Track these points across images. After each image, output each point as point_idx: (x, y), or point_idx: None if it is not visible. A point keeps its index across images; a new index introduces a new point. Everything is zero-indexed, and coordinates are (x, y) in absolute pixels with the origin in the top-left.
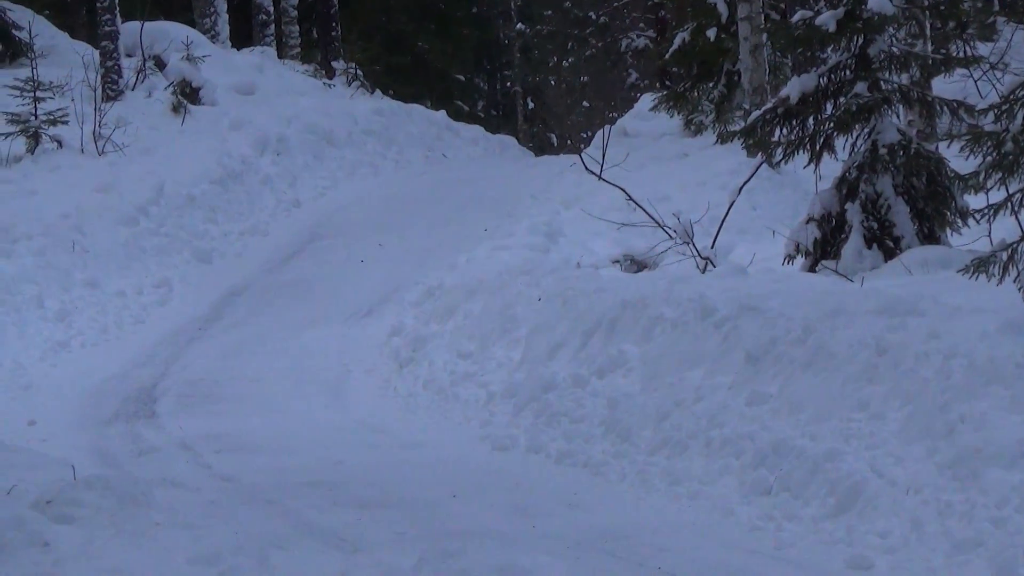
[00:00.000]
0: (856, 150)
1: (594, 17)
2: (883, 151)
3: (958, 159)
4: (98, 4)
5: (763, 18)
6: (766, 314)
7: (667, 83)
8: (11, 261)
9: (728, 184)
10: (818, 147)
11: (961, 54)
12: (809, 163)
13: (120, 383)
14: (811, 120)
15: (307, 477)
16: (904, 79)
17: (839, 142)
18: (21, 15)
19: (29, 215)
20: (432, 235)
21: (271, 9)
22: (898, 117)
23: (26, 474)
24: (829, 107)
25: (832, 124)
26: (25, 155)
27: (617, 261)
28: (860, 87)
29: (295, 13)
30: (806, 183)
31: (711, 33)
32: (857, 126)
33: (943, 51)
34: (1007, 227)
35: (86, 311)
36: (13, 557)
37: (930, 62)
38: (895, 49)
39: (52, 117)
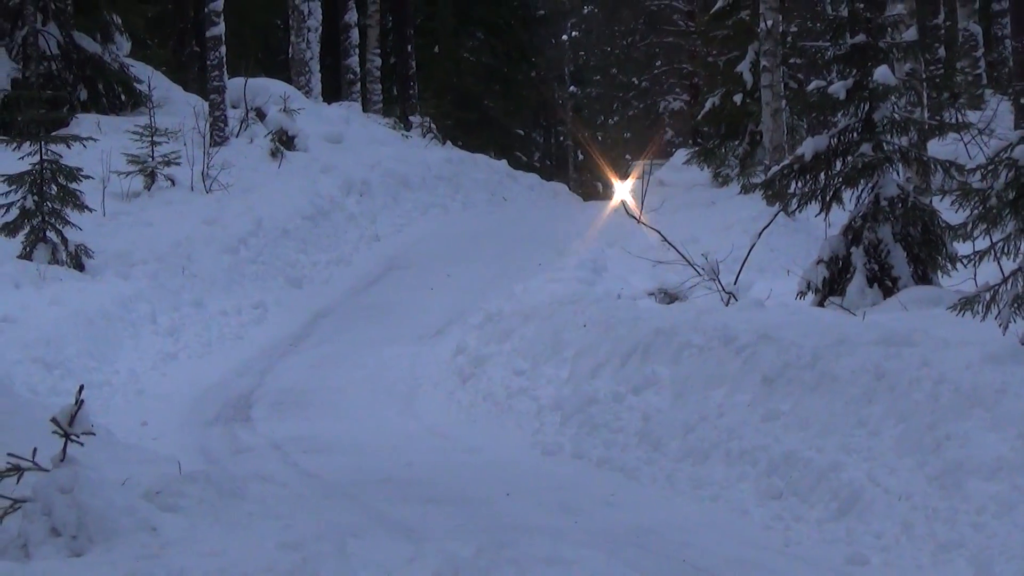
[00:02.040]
0: (861, 202)
1: (636, 82)
2: (884, 203)
3: (949, 211)
4: (208, 62)
5: (783, 86)
6: (780, 342)
7: (698, 140)
8: (129, 283)
9: (750, 229)
10: (828, 199)
11: (953, 120)
12: (820, 212)
13: (220, 390)
14: (822, 175)
15: (381, 475)
16: (904, 141)
17: (846, 195)
18: (141, 70)
19: (145, 243)
20: (493, 267)
21: (358, 69)
22: (898, 174)
23: (138, 468)
24: (838, 164)
25: (840, 179)
26: (142, 191)
27: (652, 293)
28: (866, 147)
29: (378, 73)
30: (817, 230)
31: (737, 98)
32: (862, 181)
33: (938, 117)
34: (990, 271)
35: (192, 327)
36: (126, 540)
37: (926, 127)
38: (896, 115)
39: (166, 159)
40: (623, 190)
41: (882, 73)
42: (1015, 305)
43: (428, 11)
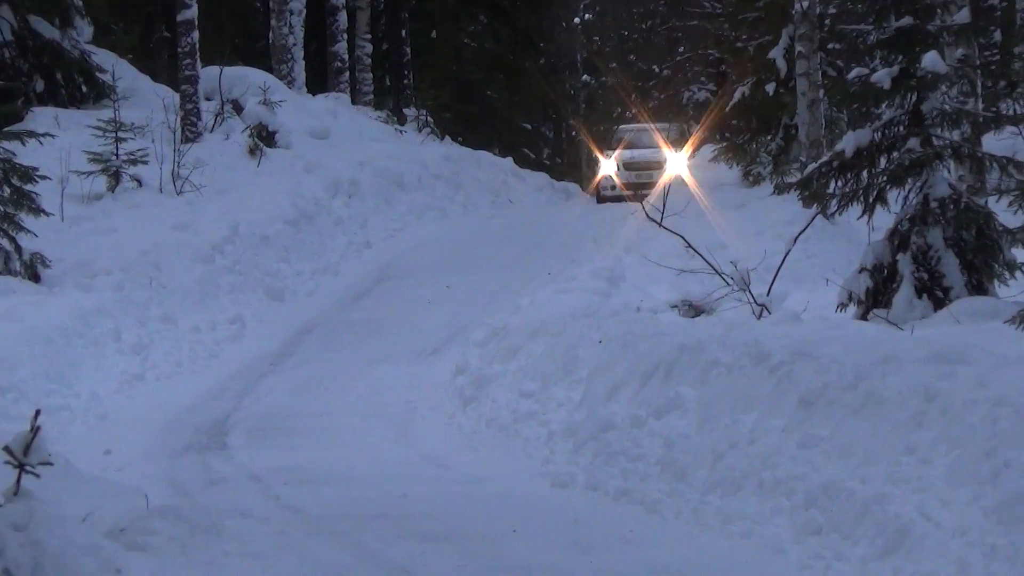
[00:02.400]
0: (908, 203)
1: (657, 70)
2: (934, 204)
3: (1006, 213)
4: (179, 49)
5: (820, 74)
6: (819, 360)
7: (726, 135)
8: (90, 295)
9: (784, 233)
10: (871, 199)
11: (1011, 112)
12: (863, 215)
13: (192, 415)
14: (865, 173)
15: (373, 509)
16: (955, 135)
17: (892, 195)
18: (105, 58)
19: (108, 251)
20: (497, 277)
21: (346, 57)
22: (949, 172)
23: (101, 502)
24: (883, 161)
25: (885, 178)
26: (106, 193)
27: (675, 306)
28: (913, 142)
29: (369, 61)
30: (859, 234)
31: (770, 88)
32: (909, 180)
33: (993, 109)
34: None
35: (161, 345)
36: None
37: (981, 119)
38: (947, 106)
39: (132, 157)
40: (608, 165)
41: (931, 59)
42: None
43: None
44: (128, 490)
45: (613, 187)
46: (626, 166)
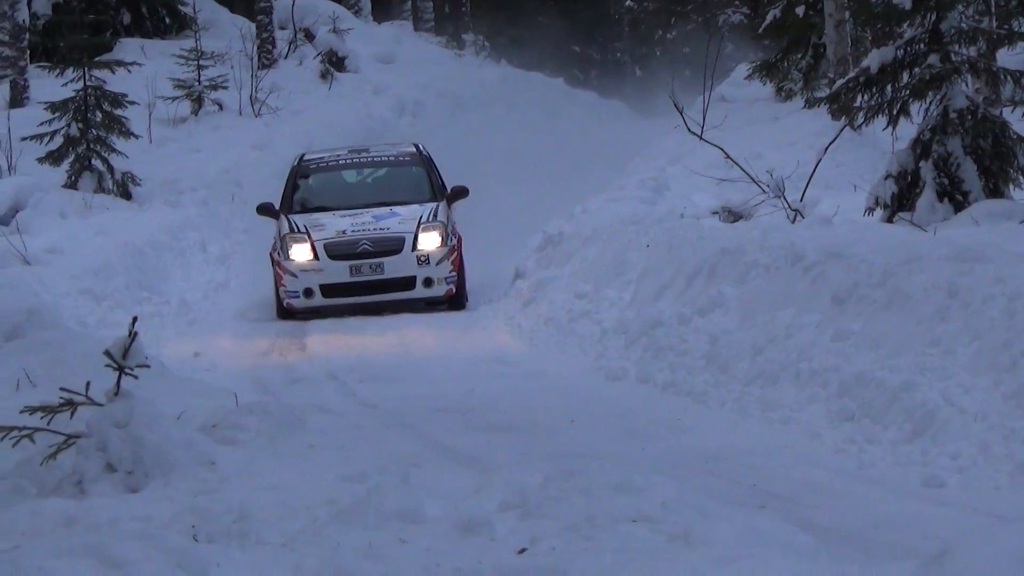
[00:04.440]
0: (929, 115)
1: None
2: (953, 116)
3: (1021, 123)
4: None
5: None
6: (850, 260)
7: (760, 54)
8: (177, 211)
9: (815, 144)
10: (895, 112)
11: (1023, 29)
12: (887, 126)
13: (274, 320)
14: (889, 88)
15: (442, 404)
16: (972, 51)
17: (914, 107)
18: None
19: (193, 170)
20: (551, 188)
21: None
22: (967, 85)
23: (194, 401)
24: (905, 76)
25: (908, 91)
26: (189, 116)
27: (716, 212)
28: (933, 59)
29: None
30: (884, 144)
31: (800, 10)
32: (930, 93)
33: (1007, 27)
34: None
35: (243, 255)
36: (183, 475)
37: (995, 36)
38: (964, 25)
39: (213, 83)
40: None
41: None
42: None
43: None
44: (217, 389)
45: (307, 292)
46: (330, 250)
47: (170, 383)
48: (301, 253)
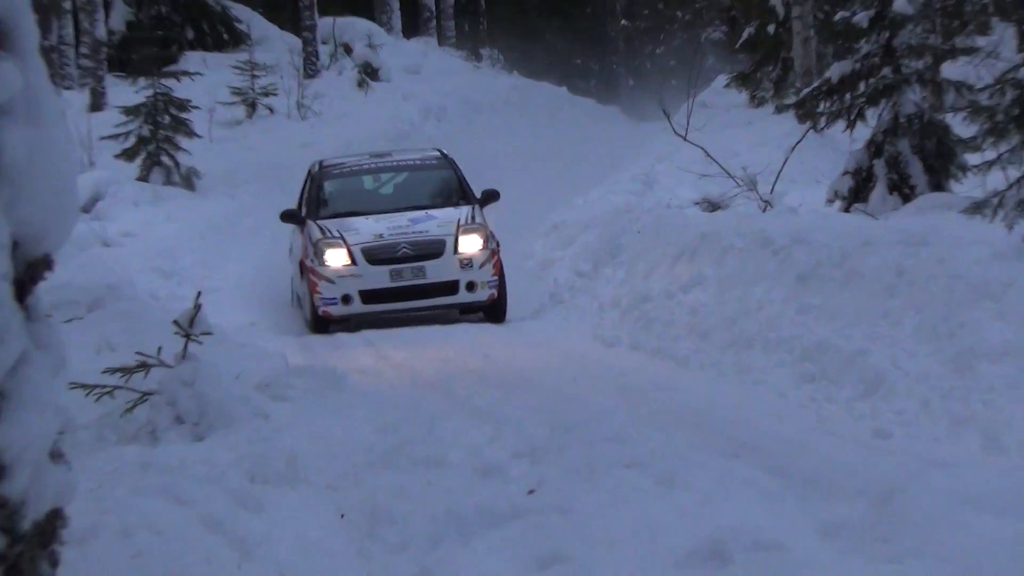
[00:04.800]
0: (882, 119)
1: (680, 15)
2: (903, 120)
3: (961, 127)
4: (300, 3)
5: (812, 17)
6: (812, 244)
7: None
8: (234, 200)
9: (783, 145)
10: (853, 117)
11: (964, 45)
12: (846, 129)
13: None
14: (848, 96)
15: (462, 367)
16: (920, 64)
17: (869, 113)
18: (241, 11)
19: (247, 165)
20: (555, 182)
21: (433, 8)
22: (915, 94)
23: (250, 363)
24: (862, 86)
25: (864, 99)
26: (244, 119)
27: (697, 203)
28: (886, 71)
29: (452, 11)
30: (843, 144)
31: (771, 29)
32: (883, 101)
33: (950, 43)
34: (997, 179)
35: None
36: (242, 426)
37: (940, 52)
38: (913, 41)
39: (265, 90)
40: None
41: (900, 4)
42: (1019, 208)
43: None
44: (271, 354)
45: (345, 299)
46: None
47: (229, 348)
48: (337, 258)
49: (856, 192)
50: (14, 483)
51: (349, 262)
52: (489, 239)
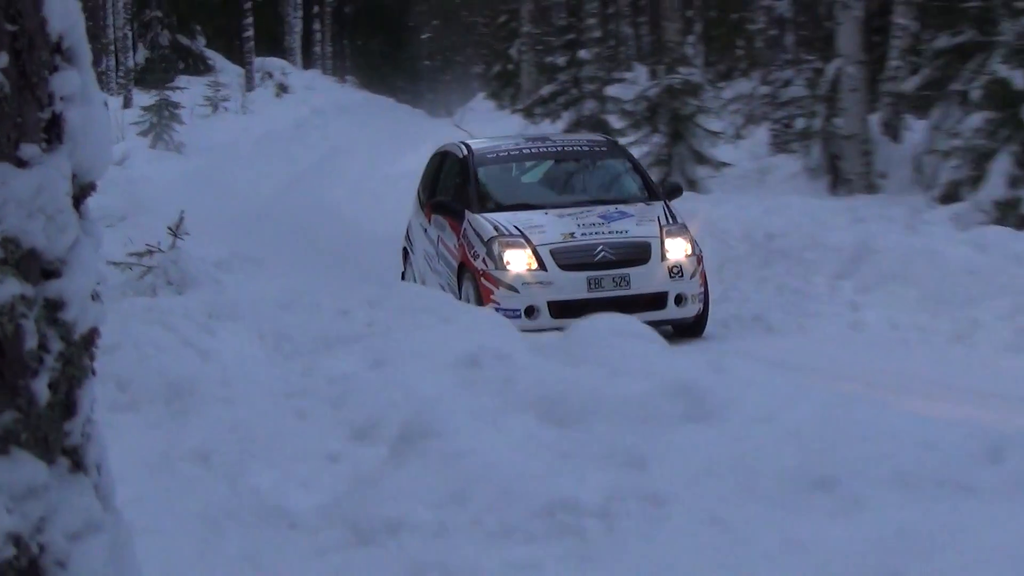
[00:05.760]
0: (571, 118)
1: (458, 58)
2: (583, 118)
3: (618, 122)
4: (244, 48)
5: (533, 60)
6: None
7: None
8: (204, 160)
9: (515, 131)
10: (555, 118)
11: (618, 77)
12: (553, 123)
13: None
14: (554, 105)
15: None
16: (594, 87)
17: (564, 114)
18: (211, 53)
19: (214, 140)
20: (387, 151)
21: (319, 50)
22: (590, 104)
23: (211, 250)
24: (561, 99)
25: (561, 106)
26: (211, 114)
27: None
28: (574, 90)
29: (330, 54)
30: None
31: (510, 66)
32: (572, 108)
33: (611, 75)
34: (638, 153)
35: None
36: (204, 287)
37: (605, 79)
38: (590, 74)
39: (224, 97)
40: (514, 252)
41: (583, 54)
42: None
43: (353, 24)
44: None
45: (529, 311)
46: (560, 258)
47: (199, 241)
48: (519, 261)
49: None
50: (69, 312)
51: (535, 266)
52: (695, 243)
